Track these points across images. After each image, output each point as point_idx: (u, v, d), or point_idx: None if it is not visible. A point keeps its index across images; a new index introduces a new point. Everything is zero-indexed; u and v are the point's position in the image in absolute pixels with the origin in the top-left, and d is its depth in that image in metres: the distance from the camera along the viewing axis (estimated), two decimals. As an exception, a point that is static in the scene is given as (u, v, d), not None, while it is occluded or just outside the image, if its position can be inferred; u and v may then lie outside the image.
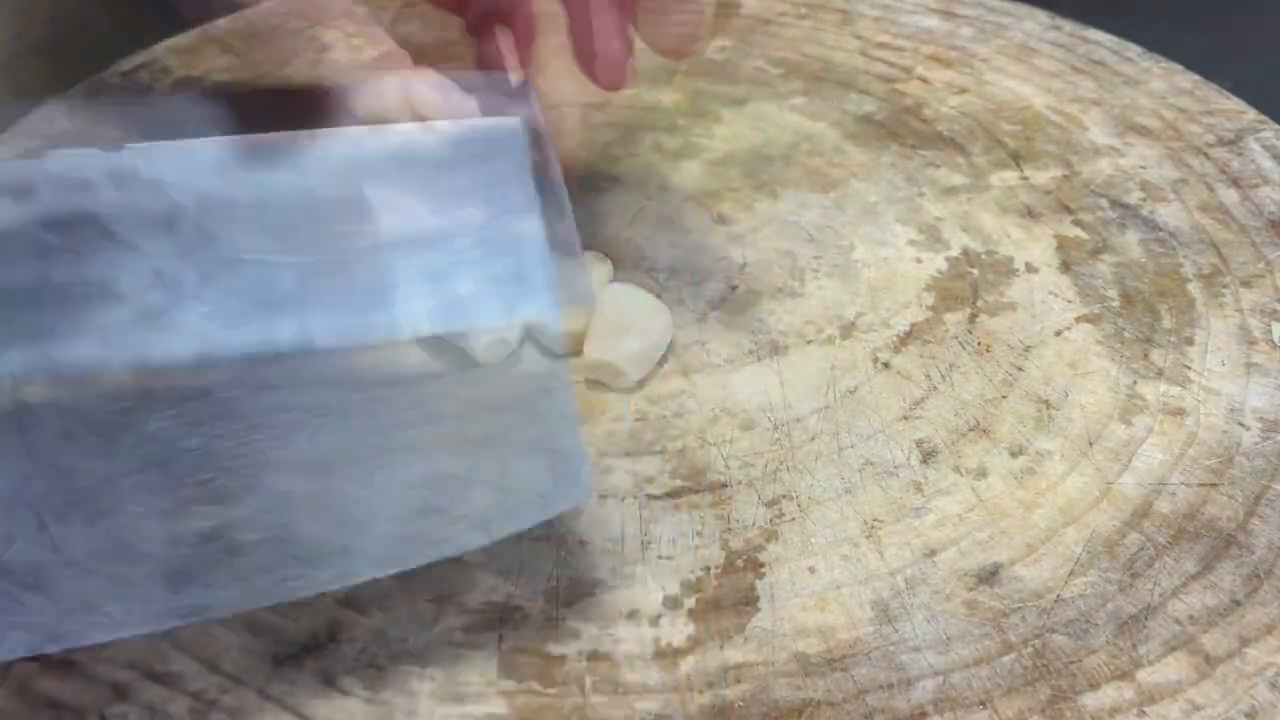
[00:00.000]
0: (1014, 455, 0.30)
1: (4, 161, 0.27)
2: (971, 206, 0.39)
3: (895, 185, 0.40)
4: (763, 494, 0.29)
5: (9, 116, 0.42)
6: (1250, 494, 0.29)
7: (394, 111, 0.34)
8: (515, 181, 0.28)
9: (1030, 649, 0.26)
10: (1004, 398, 0.32)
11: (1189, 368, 0.33)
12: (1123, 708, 0.25)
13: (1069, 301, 0.35)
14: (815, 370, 0.33)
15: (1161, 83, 0.46)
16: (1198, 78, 0.46)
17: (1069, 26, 0.49)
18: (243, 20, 0.47)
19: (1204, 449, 0.30)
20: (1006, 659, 0.26)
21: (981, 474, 0.30)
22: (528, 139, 0.29)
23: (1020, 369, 0.33)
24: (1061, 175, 0.41)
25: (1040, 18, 0.50)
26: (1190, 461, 0.30)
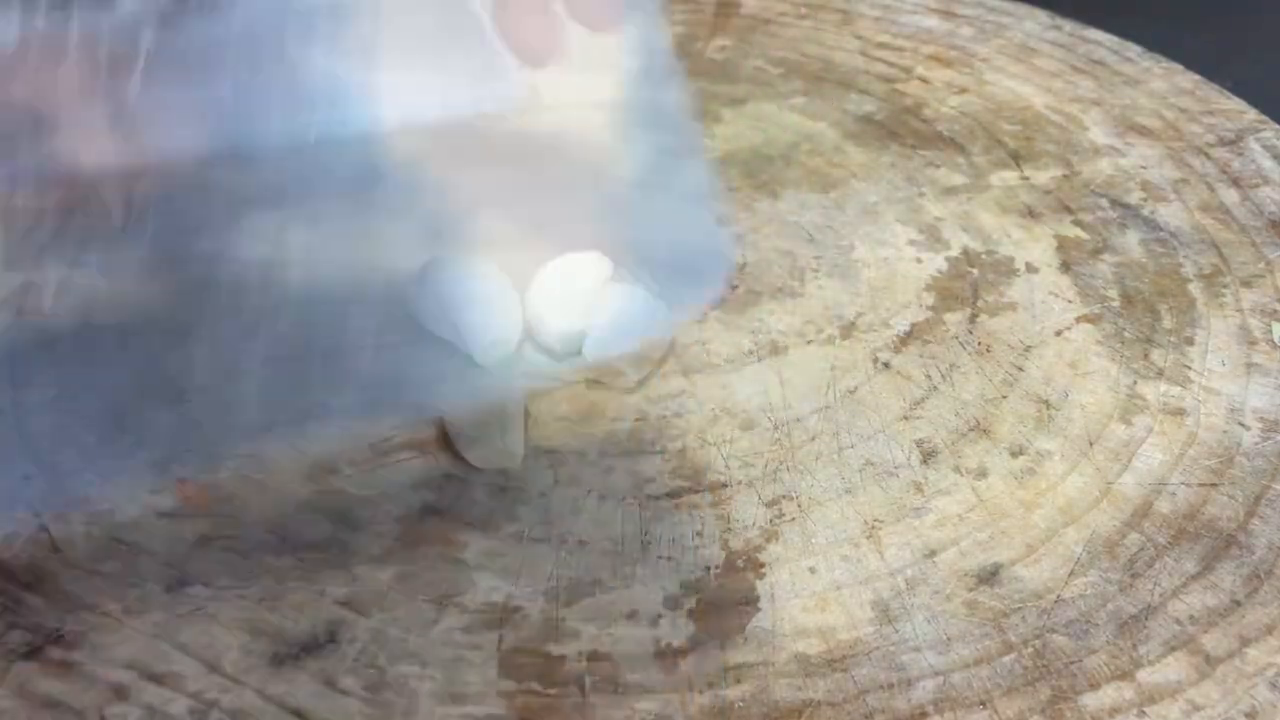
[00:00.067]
0: (1014, 455, 0.30)
1: None
2: (971, 206, 0.39)
3: (895, 185, 0.40)
4: (763, 494, 0.29)
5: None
6: (1250, 494, 0.29)
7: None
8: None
9: (1030, 649, 0.26)
10: (1004, 398, 0.32)
11: (1189, 368, 0.33)
12: (1123, 708, 0.25)
13: (1069, 301, 0.35)
14: (815, 370, 0.33)
15: (1162, 83, 0.46)
16: (1198, 78, 0.46)
17: (1069, 26, 0.49)
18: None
19: (1204, 449, 0.30)
20: (1007, 659, 0.26)
21: (982, 474, 0.30)
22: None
23: (1020, 369, 0.33)
24: (1062, 175, 0.41)
25: (1040, 18, 0.50)
26: (1190, 461, 0.30)
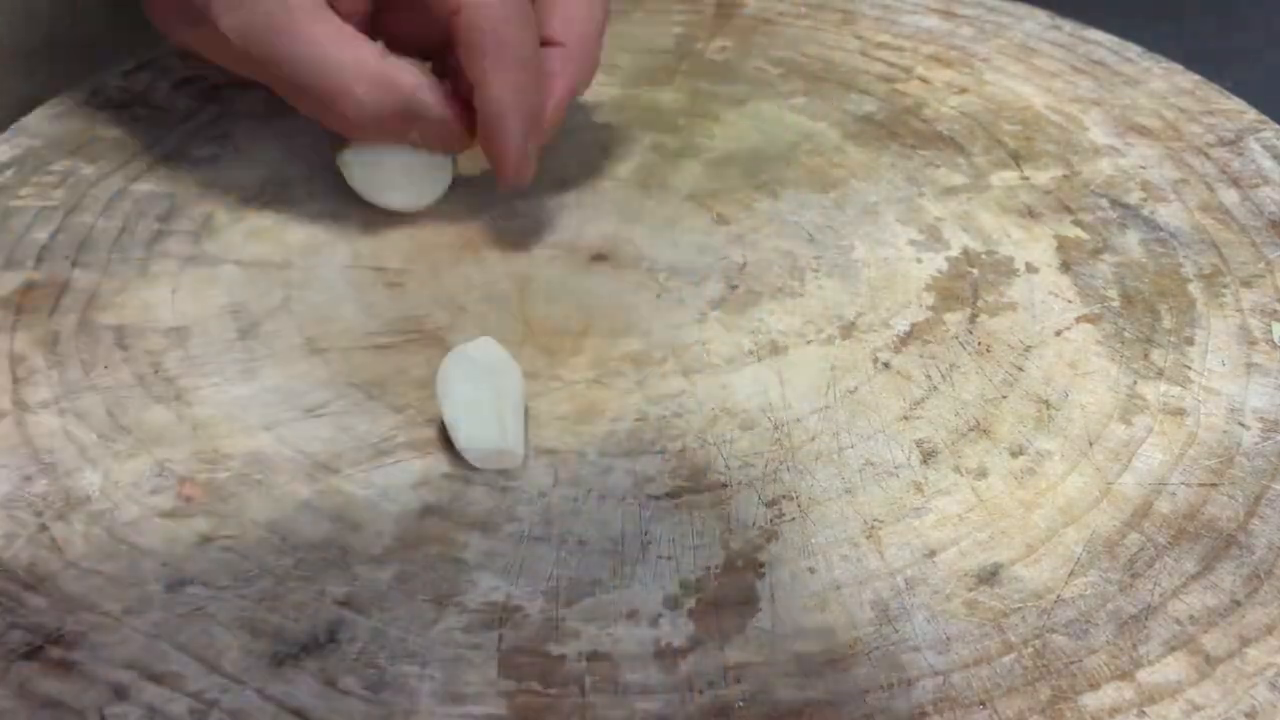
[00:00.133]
0: (1014, 455, 0.30)
1: None
2: (971, 206, 0.39)
3: (895, 185, 0.40)
4: (763, 494, 0.29)
5: (10, 116, 0.42)
6: (1250, 494, 0.29)
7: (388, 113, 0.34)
8: None
9: (1030, 649, 0.26)
10: (1004, 398, 0.32)
11: (1189, 368, 0.33)
12: (1123, 708, 0.25)
13: (1069, 301, 0.35)
14: (815, 370, 0.33)
15: (1161, 83, 0.46)
16: (1198, 78, 0.46)
17: (1069, 26, 0.49)
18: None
19: (1204, 449, 0.30)
20: (1006, 659, 0.26)
21: (982, 474, 0.30)
22: None
23: (1020, 369, 0.33)
24: (1061, 175, 0.41)
25: (1040, 18, 0.50)
26: (1190, 461, 0.30)
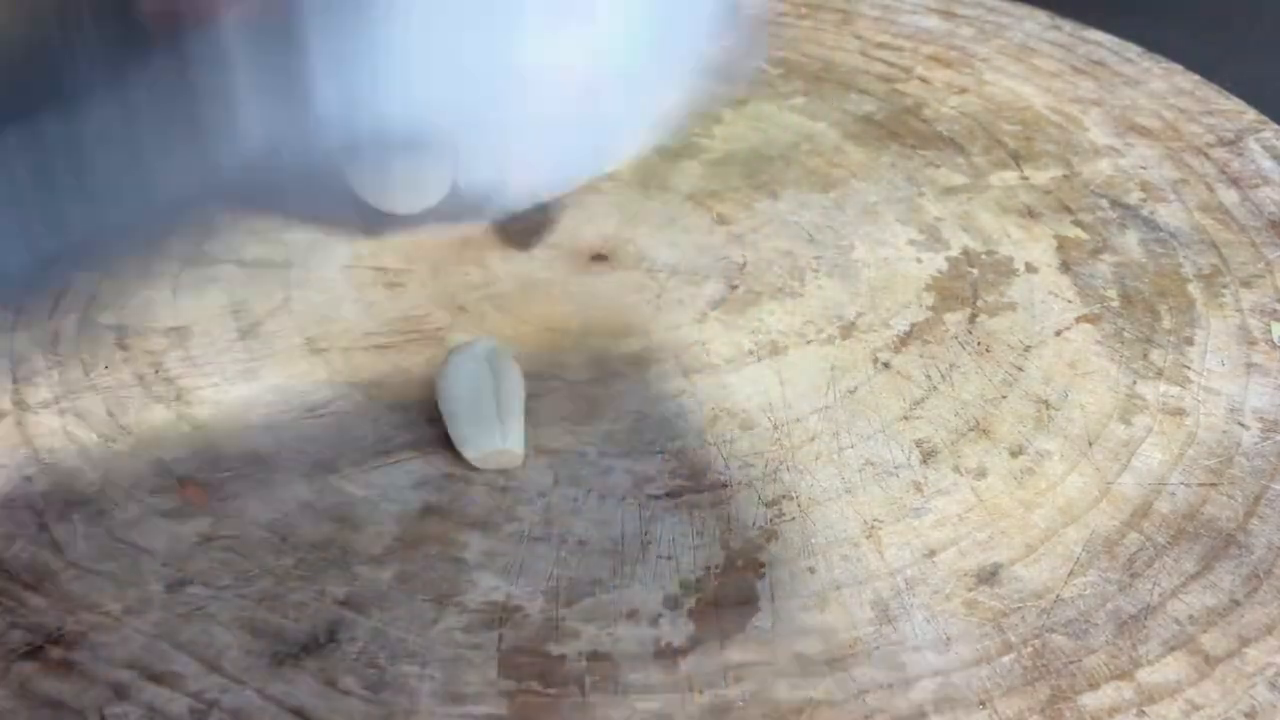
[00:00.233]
0: (1014, 455, 0.30)
1: None
2: (971, 206, 0.39)
3: (895, 185, 0.40)
4: (763, 494, 0.29)
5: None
6: (1250, 494, 0.29)
7: None
8: None
9: (1030, 649, 0.26)
10: (1004, 398, 0.32)
11: (1189, 368, 0.33)
12: (1122, 707, 0.25)
13: (1069, 301, 0.35)
14: (815, 370, 0.33)
15: (1161, 83, 0.46)
16: (1198, 78, 0.46)
17: (1069, 26, 0.49)
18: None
19: (1203, 449, 0.30)
20: (1006, 659, 0.26)
21: (981, 474, 0.30)
22: None
23: (1020, 369, 0.33)
24: (1061, 175, 0.41)
25: (1040, 18, 0.50)
26: (1190, 461, 0.30)
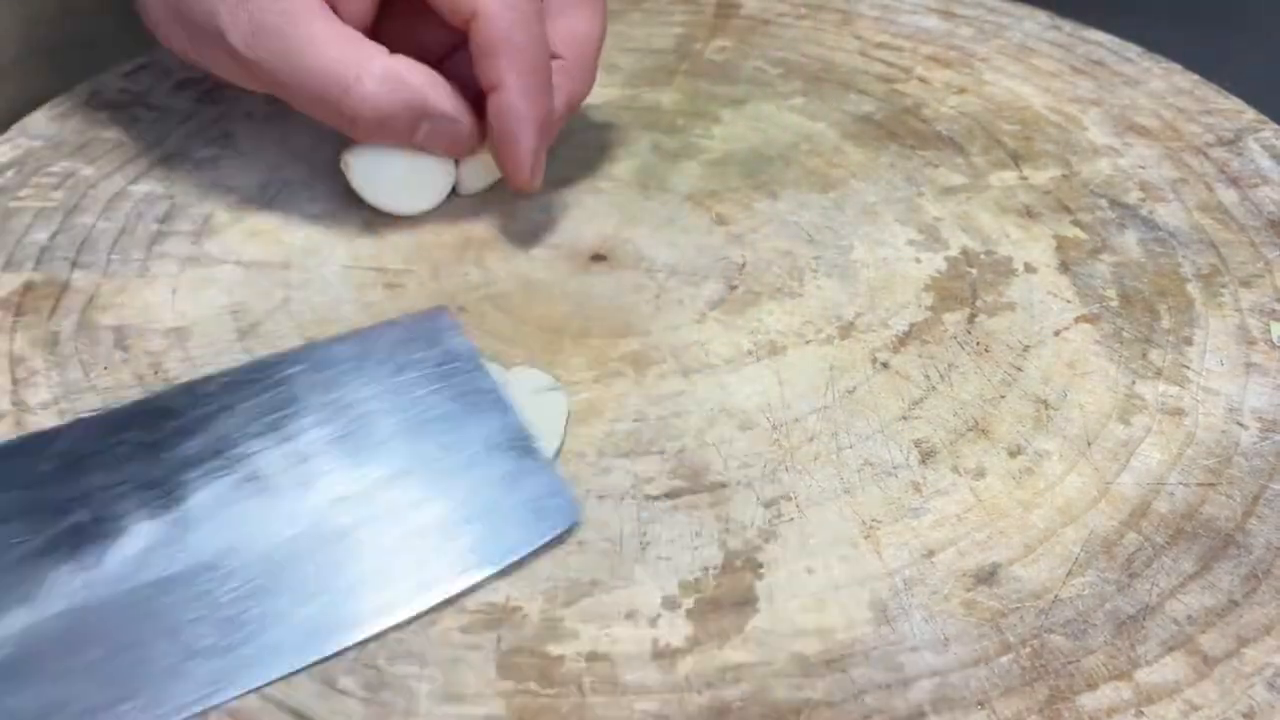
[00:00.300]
0: (1012, 455, 0.30)
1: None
2: (971, 206, 0.39)
3: (894, 185, 0.40)
4: (761, 494, 0.29)
5: (10, 116, 0.42)
6: (1248, 494, 0.29)
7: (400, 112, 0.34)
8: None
9: (1028, 649, 0.26)
10: (1003, 398, 0.32)
11: (1188, 368, 0.33)
12: (1120, 708, 0.25)
13: (1068, 301, 0.35)
14: (814, 370, 0.33)
15: (1161, 83, 0.46)
16: (1197, 78, 0.46)
17: (1069, 26, 0.49)
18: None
19: (1202, 449, 0.30)
20: (1004, 659, 0.26)
21: (980, 474, 0.30)
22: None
23: (1019, 369, 0.33)
24: (1061, 175, 0.41)
25: (1040, 18, 0.50)
26: (1189, 461, 0.30)
